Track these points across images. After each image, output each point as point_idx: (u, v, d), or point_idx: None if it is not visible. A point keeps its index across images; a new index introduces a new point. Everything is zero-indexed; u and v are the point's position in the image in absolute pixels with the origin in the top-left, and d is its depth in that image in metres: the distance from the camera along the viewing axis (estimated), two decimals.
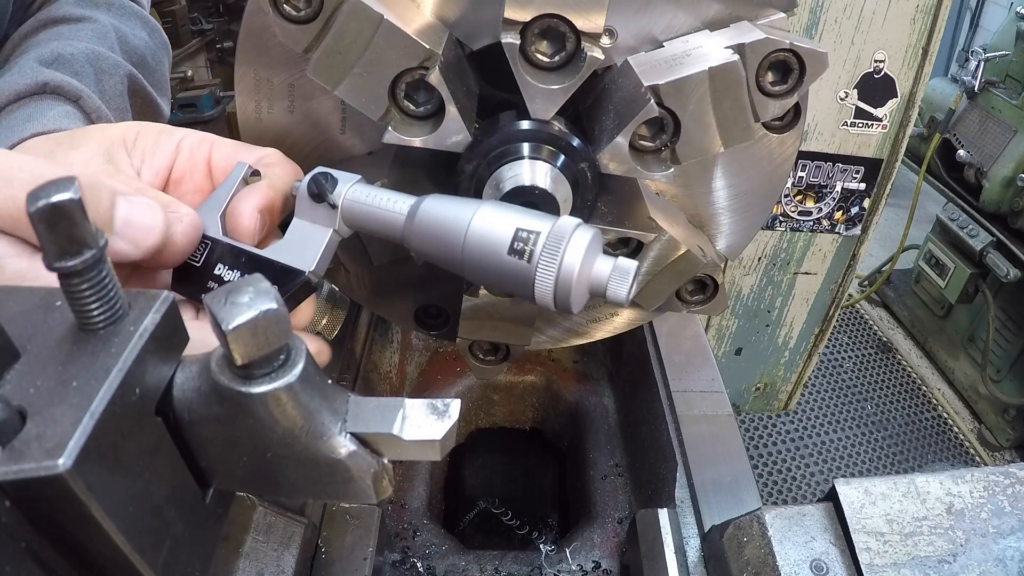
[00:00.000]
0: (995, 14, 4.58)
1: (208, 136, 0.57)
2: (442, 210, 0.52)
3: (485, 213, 0.51)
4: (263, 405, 0.34)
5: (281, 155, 0.58)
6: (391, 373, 1.16)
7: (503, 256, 0.50)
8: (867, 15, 1.86)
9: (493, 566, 0.90)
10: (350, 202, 0.53)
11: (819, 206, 2.20)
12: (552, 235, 0.49)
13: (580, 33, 0.54)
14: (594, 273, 0.50)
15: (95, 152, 0.52)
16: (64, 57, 0.71)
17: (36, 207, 0.29)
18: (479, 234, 0.50)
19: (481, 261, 0.51)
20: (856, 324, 3.56)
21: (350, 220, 0.54)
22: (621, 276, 0.50)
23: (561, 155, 0.60)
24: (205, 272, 0.53)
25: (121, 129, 0.55)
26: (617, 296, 0.50)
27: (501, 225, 0.50)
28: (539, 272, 0.49)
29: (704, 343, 1.04)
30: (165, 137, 0.55)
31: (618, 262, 0.50)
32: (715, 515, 0.76)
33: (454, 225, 0.51)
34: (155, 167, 0.54)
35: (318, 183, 0.52)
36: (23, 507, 0.28)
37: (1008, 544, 0.59)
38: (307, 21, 0.53)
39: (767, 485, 2.64)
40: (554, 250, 0.48)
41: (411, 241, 0.53)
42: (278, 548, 0.66)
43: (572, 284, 0.49)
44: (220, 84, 3.17)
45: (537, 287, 0.49)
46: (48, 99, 0.66)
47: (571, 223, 0.50)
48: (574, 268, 0.48)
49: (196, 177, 0.56)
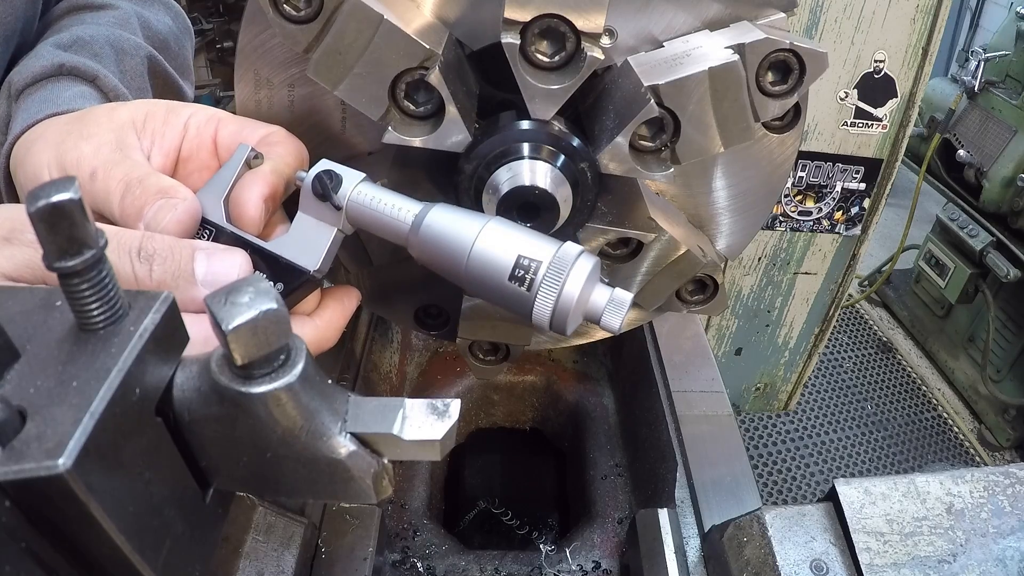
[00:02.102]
0: (995, 14, 4.58)
1: (215, 114, 0.57)
2: (447, 226, 0.52)
3: (489, 234, 0.52)
4: (263, 405, 0.34)
5: (285, 133, 0.58)
6: (391, 373, 1.16)
7: (504, 281, 0.51)
8: (867, 15, 1.86)
9: (493, 566, 0.90)
10: (355, 204, 0.53)
11: (819, 206, 2.20)
12: (554, 264, 0.50)
13: (580, 33, 0.54)
14: (591, 302, 0.52)
15: (105, 140, 0.53)
16: (83, 40, 0.72)
17: (36, 207, 0.29)
18: (481, 257, 0.51)
19: (482, 282, 0.52)
20: (856, 324, 3.56)
21: (354, 221, 0.54)
22: (616, 307, 0.52)
23: (561, 155, 0.60)
24: None
25: (129, 111, 0.56)
26: (610, 326, 0.52)
27: (504, 250, 0.51)
28: (538, 300, 0.50)
29: (704, 343, 1.04)
30: (173, 116, 0.56)
31: (614, 294, 0.52)
32: (715, 515, 0.76)
33: (458, 243, 0.52)
34: (165, 148, 0.55)
35: (322, 183, 0.53)
36: (23, 507, 0.28)
37: (1008, 544, 0.59)
38: (307, 21, 0.53)
39: (767, 485, 2.64)
40: (555, 279, 0.50)
41: (414, 250, 0.54)
42: (278, 548, 0.66)
43: (570, 312, 0.50)
44: (220, 84, 3.18)
45: (535, 313, 0.51)
46: (65, 80, 0.66)
47: (573, 251, 0.51)
48: (573, 297, 0.50)
49: (202, 155, 0.56)
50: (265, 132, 0.57)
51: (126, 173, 0.51)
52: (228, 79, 3.29)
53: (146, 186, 0.50)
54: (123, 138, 0.53)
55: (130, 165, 0.51)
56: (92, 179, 0.51)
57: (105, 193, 0.50)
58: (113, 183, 0.50)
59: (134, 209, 0.49)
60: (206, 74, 3.43)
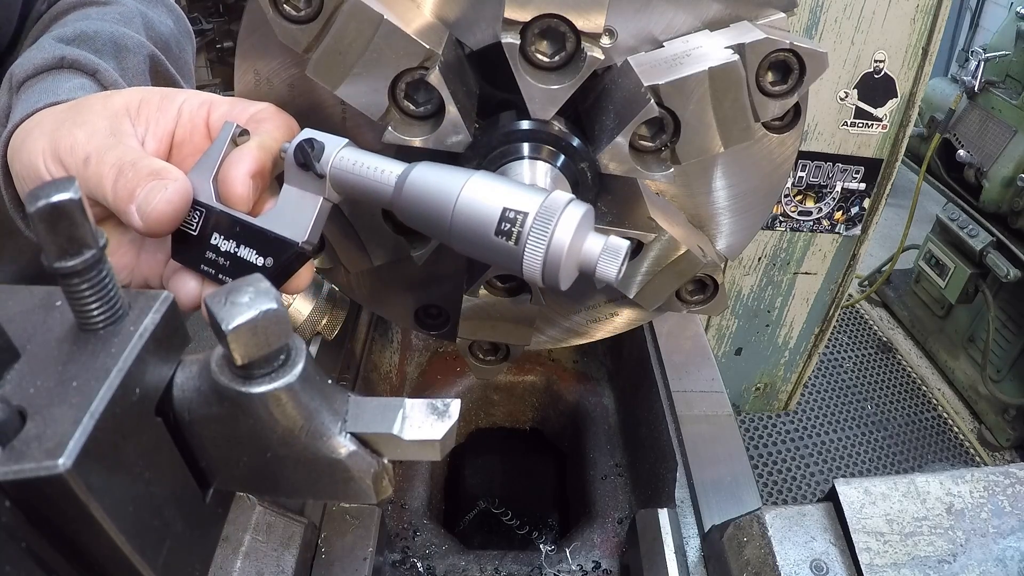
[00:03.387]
0: (995, 14, 4.57)
1: (208, 98, 0.57)
2: (430, 182, 0.51)
3: (472, 188, 0.50)
4: (263, 405, 0.34)
5: (274, 109, 0.58)
6: (391, 373, 1.16)
7: (491, 236, 0.49)
8: (867, 15, 1.86)
9: (493, 566, 0.90)
10: (337, 170, 0.52)
11: (819, 206, 2.20)
12: (541, 212, 0.48)
13: (580, 33, 0.54)
14: (584, 250, 0.49)
15: (99, 127, 0.53)
16: (86, 34, 0.72)
17: (36, 207, 0.29)
18: (466, 212, 0.49)
19: (469, 239, 0.50)
20: (856, 324, 3.56)
21: (339, 188, 0.53)
22: (612, 254, 0.49)
23: (561, 155, 0.60)
24: (202, 240, 0.53)
25: (124, 98, 0.56)
26: (607, 274, 0.49)
27: (488, 203, 0.49)
28: (527, 253, 0.48)
29: (704, 343, 1.04)
30: (167, 103, 0.56)
31: (609, 240, 0.49)
32: (715, 515, 0.76)
33: (441, 199, 0.50)
34: (159, 134, 0.55)
35: (304, 152, 0.52)
36: (23, 507, 0.28)
37: (1008, 544, 0.59)
38: (307, 21, 0.53)
39: (767, 485, 2.64)
40: (543, 228, 0.47)
41: (399, 212, 0.52)
42: (278, 548, 0.66)
43: (561, 261, 0.48)
44: (220, 84, 3.18)
45: (525, 267, 0.48)
46: (65, 72, 0.67)
47: (563, 199, 0.49)
48: (564, 245, 0.47)
49: (196, 139, 0.57)
50: (255, 110, 0.57)
51: (119, 157, 0.51)
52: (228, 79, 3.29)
53: (138, 169, 0.50)
54: (117, 124, 0.53)
55: (123, 150, 0.51)
56: (86, 164, 0.51)
57: (98, 178, 0.51)
58: (106, 168, 0.50)
59: (126, 192, 0.50)
60: (206, 74, 3.43)
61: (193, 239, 0.54)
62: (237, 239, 0.53)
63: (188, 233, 0.53)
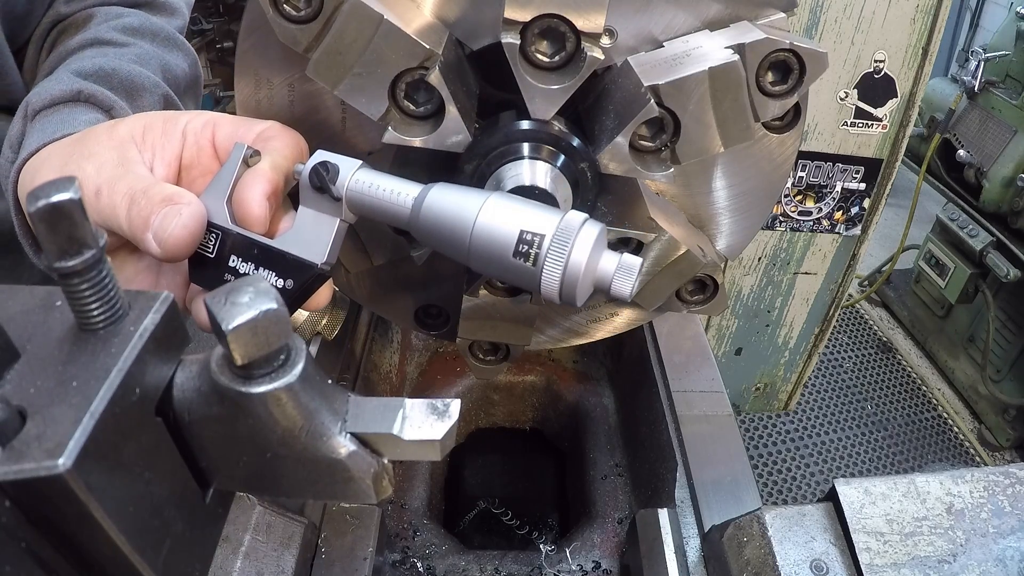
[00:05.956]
0: (995, 14, 4.57)
1: (211, 118, 0.57)
2: (446, 206, 0.51)
3: (489, 211, 0.51)
4: (263, 405, 0.34)
5: (280, 126, 0.58)
6: (391, 373, 1.16)
7: (509, 258, 0.50)
8: (867, 15, 1.86)
9: (493, 566, 0.90)
10: (353, 192, 0.53)
11: (819, 206, 2.20)
12: (558, 234, 0.49)
13: (580, 33, 0.54)
14: (600, 269, 0.51)
15: (106, 159, 0.53)
16: (104, 71, 0.73)
17: (36, 207, 0.29)
18: (484, 235, 0.50)
19: (488, 261, 0.51)
20: (856, 324, 3.56)
21: (355, 209, 0.54)
22: (626, 272, 0.51)
23: (561, 155, 0.60)
24: (220, 263, 0.53)
25: (128, 126, 0.56)
26: (621, 292, 0.51)
27: (505, 226, 0.50)
28: (545, 273, 0.49)
29: (704, 343, 1.04)
30: (171, 126, 0.56)
31: (623, 259, 0.51)
32: (715, 515, 0.76)
33: (459, 223, 0.51)
34: (166, 159, 0.55)
35: (319, 175, 0.52)
36: (23, 507, 0.28)
37: (1008, 544, 0.59)
38: (307, 21, 0.53)
39: (767, 485, 2.64)
40: (561, 249, 0.49)
41: (417, 234, 0.53)
42: (278, 548, 0.66)
43: (578, 281, 0.49)
44: (220, 84, 3.17)
45: (543, 286, 0.50)
46: (81, 106, 0.67)
47: (578, 219, 0.50)
48: (581, 265, 0.49)
49: (203, 160, 0.57)
50: (261, 128, 0.57)
51: (130, 186, 0.51)
52: (228, 79, 3.29)
53: (150, 196, 0.50)
54: (124, 153, 0.54)
55: (133, 178, 0.52)
56: (97, 197, 0.51)
57: (111, 208, 0.51)
58: (118, 198, 0.51)
59: (141, 220, 0.50)
60: (206, 74, 3.43)
61: (210, 261, 0.54)
62: (255, 261, 0.53)
63: (205, 256, 0.53)
